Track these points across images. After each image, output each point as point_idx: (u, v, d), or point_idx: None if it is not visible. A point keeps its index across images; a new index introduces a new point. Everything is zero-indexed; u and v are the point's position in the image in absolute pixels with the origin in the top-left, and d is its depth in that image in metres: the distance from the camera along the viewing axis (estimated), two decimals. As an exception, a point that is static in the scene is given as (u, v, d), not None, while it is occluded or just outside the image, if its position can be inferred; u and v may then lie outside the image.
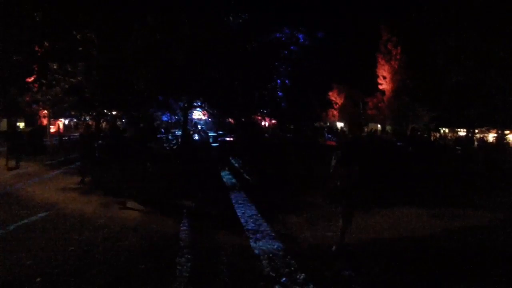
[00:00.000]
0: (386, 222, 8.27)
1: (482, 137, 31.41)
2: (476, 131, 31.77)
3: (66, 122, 52.25)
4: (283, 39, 28.59)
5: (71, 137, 30.26)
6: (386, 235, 7.33)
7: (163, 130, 36.90)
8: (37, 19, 17.07)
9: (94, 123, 26.45)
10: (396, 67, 34.82)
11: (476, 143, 28.27)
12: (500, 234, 7.52)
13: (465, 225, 8.15)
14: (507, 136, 29.50)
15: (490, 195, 11.42)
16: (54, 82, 22.82)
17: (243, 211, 9.29)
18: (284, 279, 5.30)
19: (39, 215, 8.38)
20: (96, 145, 13.30)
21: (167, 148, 22.55)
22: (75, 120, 32.21)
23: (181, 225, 7.98)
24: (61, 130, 41.00)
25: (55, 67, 21.62)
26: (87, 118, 29.40)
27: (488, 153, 21.30)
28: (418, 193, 11.03)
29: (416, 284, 5.21)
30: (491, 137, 32.06)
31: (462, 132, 34.55)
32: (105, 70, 18.82)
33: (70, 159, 19.57)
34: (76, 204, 9.57)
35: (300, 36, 29.41)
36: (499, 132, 28.87)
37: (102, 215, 8.57)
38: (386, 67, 35.71)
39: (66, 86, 23.88)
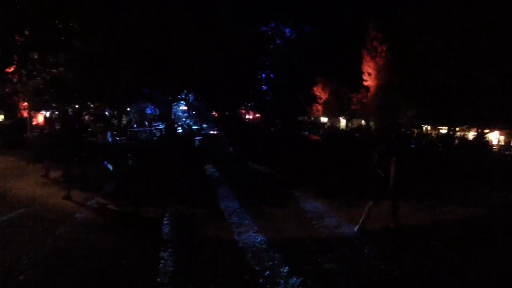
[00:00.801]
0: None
1: (463, 135, 32.03)
2: (457, 129, 32.38)
3: (47, 114, 51.17)
4: (269, 32, 28.55)
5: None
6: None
7: (146, 123, 36.56)
8: (19, 7, 16.56)
9: (75, 116, 25.92)
10: (381, 64, 35.08)
11: (457, 141, 28.81)
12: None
13: (450, 218, 8.38)
14: (486, 135, 30.15)
15: (469, 191, 11.65)
16: (35, 73, 22.25)
17: (227, 205, 9.26)
18: (267, 272, 5.31)
19: (18, 211, 8.16)
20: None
21: (151, 139, 22.37)
22: (56, 112, 31.57)
23: (165, 219, 7.91)
24: (42, 123, 40.09)
25: (35, 57, 21.06)
26: (70, 110, 28.79)
27: (468, 151, 21.79)
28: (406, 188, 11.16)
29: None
30: (471, 135, 32.72)
31: (443, 130, 35.15)
32: (89, 60, 18.42)
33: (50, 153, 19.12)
34: (56, 199, 9.36)
35: (287, 30, 29.46)
36: (479, 130, 29.49)
37: (83, 211, 8.42)
38: (372, 64, 35.94)
39: (47, 77, 23.31)
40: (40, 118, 32.62)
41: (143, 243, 6.48)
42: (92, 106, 29.43)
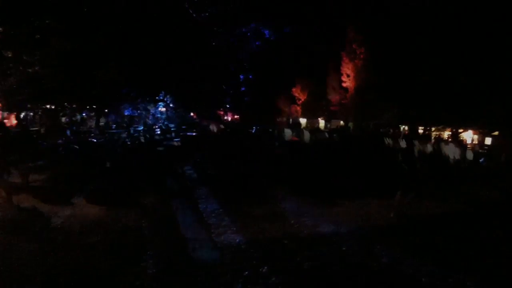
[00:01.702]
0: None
1: (439, 135, 32.84)
2: (433, 128, 33.19)
3: (22, 115, 49.77)
4: (248, 34, 28.61)
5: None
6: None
7: (125, 124, 35.99)
8: None
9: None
10: (360, 65, 35.53)
11: (433, 140, 29.52)
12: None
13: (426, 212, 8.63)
14: (460, 134, 31.02)
15: (446, 188, 11.94)
16: (8, 72, 21.59)
17: (205, 206, 9.24)
18: (247, 272, 5.34)
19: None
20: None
21: (128, 142, 22.00)
22: (31, 113, 30.66)
23: (143, 221, 7.85)
24: (15, 125, 38.96)
25: (9, 55, 20.43)
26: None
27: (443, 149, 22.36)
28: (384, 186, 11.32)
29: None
30: (446, 134, 33.59)
31: (420, 130, 35.93)
32: (65, 59, 17.98)
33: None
34: (31, 203, 9.10)
35: (266, 31, 29.58)
36: (453, 130, 30.31)
37: (60, 214, 8.24)
38: (350, 65, 36.31)
39: (22, 76, 22.65)
40: (13, 119, 31.71)
41: (124, 244, 6.43)
42: (69, 107, 28.81)
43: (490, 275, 5.60)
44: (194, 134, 26.85)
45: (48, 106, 26.47)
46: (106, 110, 38.23)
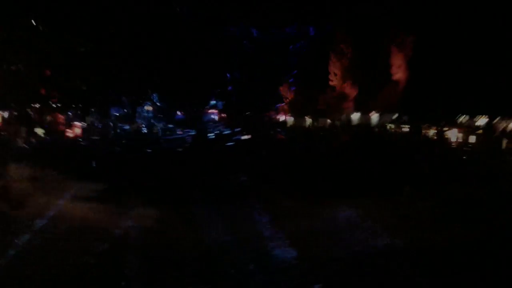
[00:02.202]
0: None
1: (425, 133, 33.19)
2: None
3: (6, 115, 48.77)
4: (237, 33, 28.55)
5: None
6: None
7: (111, 124, 35.55)
8: None
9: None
10: (347, 64, 35.79)
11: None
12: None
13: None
14: (445, 132, 31.45)
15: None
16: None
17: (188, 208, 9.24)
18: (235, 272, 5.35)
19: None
20: None
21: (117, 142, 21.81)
22: (15, 113, 29.84)
23: (130, 221, 7.81)
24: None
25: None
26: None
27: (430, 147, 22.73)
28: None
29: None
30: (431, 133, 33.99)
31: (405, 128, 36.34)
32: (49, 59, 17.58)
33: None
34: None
35: (254, 31, 29.48)
36: (439, 128, 30.71)
37: (44, 216, 8.13)
38: (338, 64, 36.55)
39: (5, 76, 22.08)
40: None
41: (107, 247, 6.36)
42: (54, 106, 28.11)
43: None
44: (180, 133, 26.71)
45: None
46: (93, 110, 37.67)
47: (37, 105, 24.27)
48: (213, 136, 30.13)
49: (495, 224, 7.64)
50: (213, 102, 45.39)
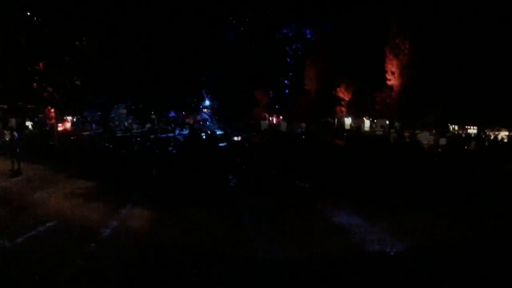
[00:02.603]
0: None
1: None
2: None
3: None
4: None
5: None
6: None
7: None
8: None
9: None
10: (405, 62, 33.56)
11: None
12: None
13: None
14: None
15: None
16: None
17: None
18: None
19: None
20: None
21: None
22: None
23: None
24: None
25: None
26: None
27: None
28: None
29: None
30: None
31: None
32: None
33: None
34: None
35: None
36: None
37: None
38: (395, 62, 34.42)
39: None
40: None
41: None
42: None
43: None
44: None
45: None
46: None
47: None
48: (204, 137, 30.44)
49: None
50: (206, 103, 45.00)
